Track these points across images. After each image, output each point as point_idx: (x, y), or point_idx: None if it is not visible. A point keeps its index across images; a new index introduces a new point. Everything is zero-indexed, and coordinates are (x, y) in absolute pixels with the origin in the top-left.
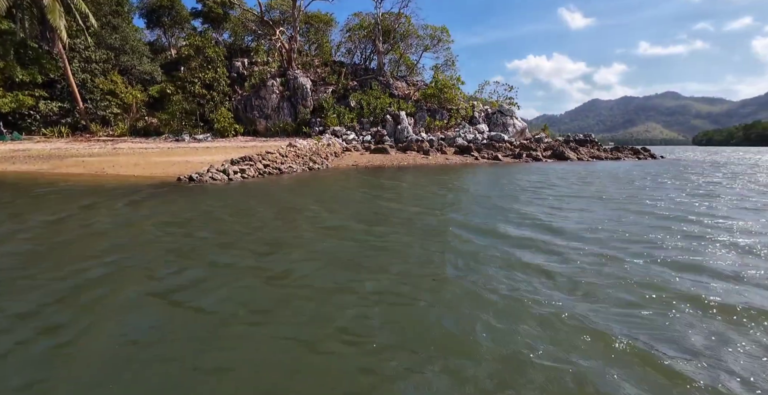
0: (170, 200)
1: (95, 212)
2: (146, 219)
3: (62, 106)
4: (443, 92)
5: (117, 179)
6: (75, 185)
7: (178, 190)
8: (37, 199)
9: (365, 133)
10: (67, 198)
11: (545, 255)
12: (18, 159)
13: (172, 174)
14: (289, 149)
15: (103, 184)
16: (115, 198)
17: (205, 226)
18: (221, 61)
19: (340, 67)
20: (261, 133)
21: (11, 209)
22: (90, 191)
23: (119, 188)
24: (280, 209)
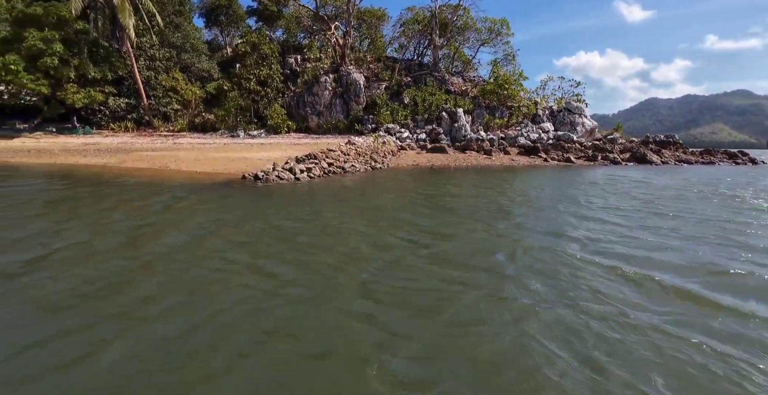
0: (244, 204)
1: (179, 219)
2: (227, 228)
3: (128, 102)
4: (503, 88)
5: (181, 175)
6: (142, 183)
7: (246, 190)
8: (115, 199)
9: (419, 131)
10: (141, 200)
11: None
12: (89, 152)
13: (234, 171)
14: (349, 147)
15: (168, 180)
16: (186, 199)
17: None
18: (275, 57)
19: (393, 62)
20: (313, 129)
21: (86, 219)
22: (160, 190)
23: (186, 186)
24: (369, 220)
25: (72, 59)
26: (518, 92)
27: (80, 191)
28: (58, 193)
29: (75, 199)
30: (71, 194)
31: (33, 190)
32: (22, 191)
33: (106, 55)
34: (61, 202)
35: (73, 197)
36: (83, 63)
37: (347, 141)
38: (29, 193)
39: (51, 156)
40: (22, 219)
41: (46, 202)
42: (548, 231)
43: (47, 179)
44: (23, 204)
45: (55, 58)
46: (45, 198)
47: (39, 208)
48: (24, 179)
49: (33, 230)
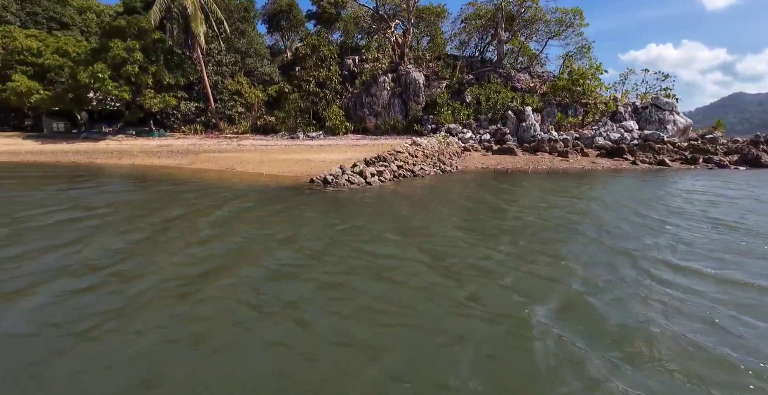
0: (319, 215)
1: (252, 237)
2: (309, 252)
3: (198, 106)
4: (577, 84)
5: (248, 178)
6: (211, 186)
7: (317, 197)
8: (188, 206)
9: (483, 131)
10: (211, 207)
11: None
12: (162, 153)
13: (299, 173)
14: (416, 148)
15: (236, 183)
16: (256, 209)
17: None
18: (334, 59)
19: (454, 60)
20: (370, 130)
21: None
22: (230, 197)
23: (255, 190)
24: (469, 244)
25: (150, 66)
26: (595, 88)
27: (156, 195)
28: (139, 195)
29: (152, 203)
30: (149, 197)
31: (117, 190)
32: (108, 191)
33: (179, 61)
34: (141, 208)
35: (151, 201)
36: (160, 70)
37: (412, 142)
38: (116, 192)
39: (130, 157)
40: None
41: (126, 206)
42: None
43: (126, 180)
44: (105, 209)
45: (136, 65)
46: (126, 200)
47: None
48: (108, 179)
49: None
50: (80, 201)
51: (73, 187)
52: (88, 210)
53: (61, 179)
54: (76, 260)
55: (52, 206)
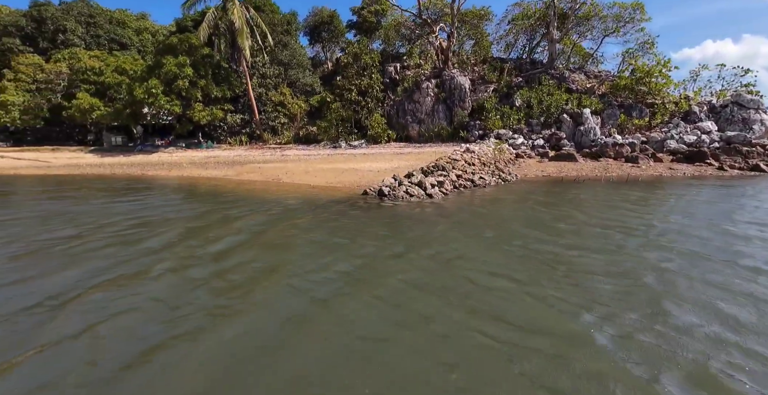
0: (382, 236)
1: (312, 267)
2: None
3: (243, 118)
4: (642, 82)
5: (296, 190)
6: (260, 199)
7: (375, 212)
8: (240, 223)
9: (535, 136)
10: (265, 224)
11: None
12: (210, 165)
13: (349, 184)
14: (471, 156)
15: (284, 195)
16: (315, 229)
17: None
18: (375, 67)
19: (501, 62)
20: (413, 138)
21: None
22: (281, 213)
23: (306, 203)
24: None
25: (199, 81)
26: (663, 86)
27: (206, 209)
28: (192, 211)
29: (201, 219)
30: (200, 213)
31: (167, 206)
32: (160, 205)
33: (226, 75)
34: (194, 233)
35: (200, 216)
36: (208, 83)
37: (465, 148)
38: (168, 206)
39: (179, 169)
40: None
41: (184, 224)
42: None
43: (176, 193)
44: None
45: (186, 80)
46: (184, 216)
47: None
48: (158, 191)
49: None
50: (142, 214)
51: (128, 199)
52: (150, 226)
53: (116, 192)
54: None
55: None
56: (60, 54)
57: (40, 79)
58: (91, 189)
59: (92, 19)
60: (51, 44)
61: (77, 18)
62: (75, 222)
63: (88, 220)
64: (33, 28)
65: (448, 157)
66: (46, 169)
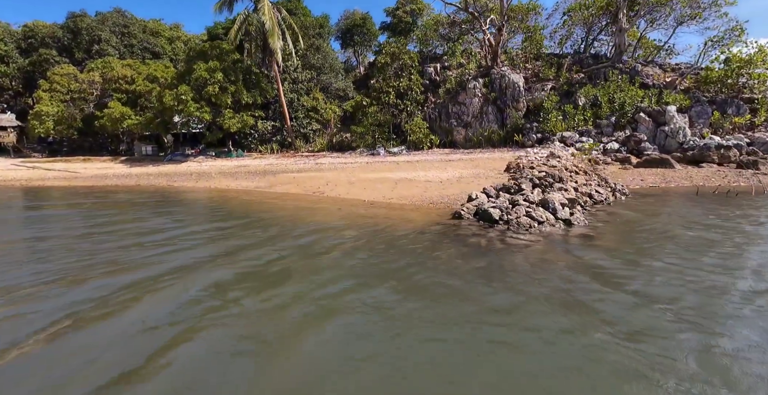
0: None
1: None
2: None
3: (274, 125)
4: (739, 74)
5: (348, 207)
6: (307, 222)
7: (512, 255)
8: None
9: (606, 139)
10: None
11: None
12: (240, 175)
13: (416, 200)
14: (566, 162)
15: (341, 220)
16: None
17: None
18: (415, 67)
19: (558, 58)
20: (459, 144)
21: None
22: (349, 246)
23: (378, 233)
24: None
25: (229, 86)
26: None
27: (229, 246)
28: (210, 249)
29: (220, 272)
30: (217, 250)
31: (177, 237)
32: (162, 239)
33: (256, 80)
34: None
35: (219, 263)
36: (239, 89)
37: (549, 153)
38: (180, 237)
39: (208, 179)
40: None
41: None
42: None
43: (198, 214)
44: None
45: (216, 86)
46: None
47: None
48: (178, 208)
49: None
50: (127, 259)
51: (134, 221)
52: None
53: (129, 207)
54: None
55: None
56: (94, 63)
57: (74, 88)
58: (103, 203)
59: (126, 29)
60: (86, 54)
61: (112, 28)
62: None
63: (54, 267)
64: (69, 39)
65: (522, 163)
66: (73, 179)
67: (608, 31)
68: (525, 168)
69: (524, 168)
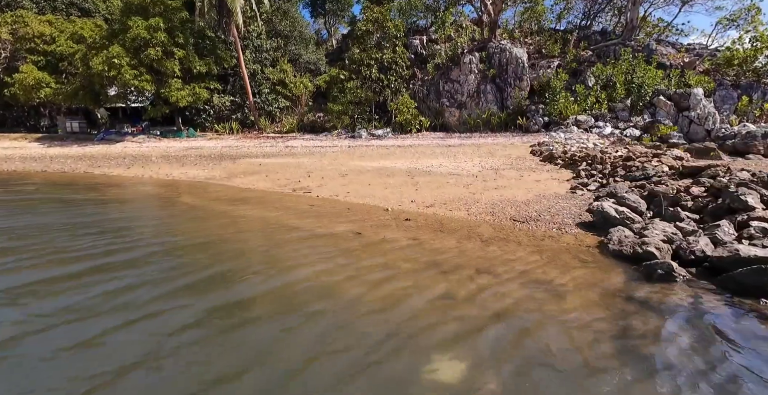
0: None
1: None
2: None
3: (234, 100)
4: (765, 55)
5: (369, 228)
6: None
7: None
8: None
9: (623, 124)
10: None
11: None
12: (188, 159)
13: (476, 209)
14: (618, 153)
15: (371, 265)
16: None
17: None
18: (400, 38)
19: (563, 33)
20: (453, 127)
21: None
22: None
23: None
24: None
25: (177, 51)
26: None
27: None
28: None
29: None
30: None
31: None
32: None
33: (212, 46)
34: None
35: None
36: (188, 55)
37: (614, 140)
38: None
39: (145, 165)
40: None
41: None
42: None
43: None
44: None
45: (159, 49)
46: None
47: None
48: (69, 226)
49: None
50: None
51: None
52: None
53: None
54: None
55: None
56: (2, 17)
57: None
58: None
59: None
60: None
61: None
62: None
63: None
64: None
65: (554, 151)
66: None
67: (612, 5)
68: (568, 157)
69: (564, 156)
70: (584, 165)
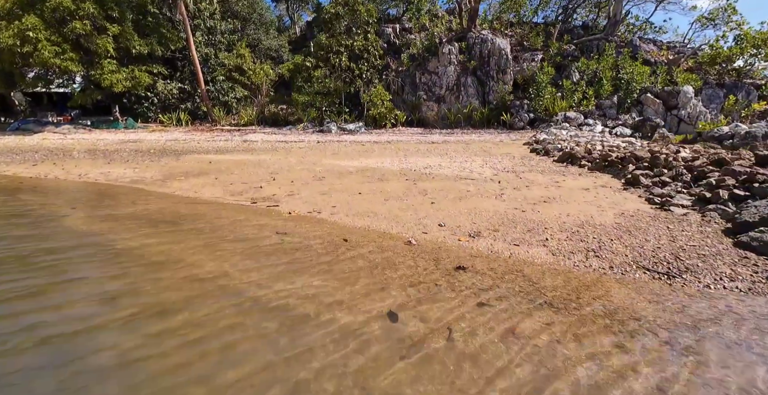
0: None
1: None
2: None
3: (183, 88)
4: (750, 54)
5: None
6: None
7: None
8: None
9: (612, 122)
10: None
11: None
12: (120, 155)
13: (557, 246)
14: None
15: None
16: None
17: None
18: (373, 24)
19: (545, 26)
20: (431, 122)
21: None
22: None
23: None
24: None
25: (111, 26)
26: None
27: None
28: None
29: None
30: None
31: None
32: None
33: (155, 24)
34: None
35: None
36: (126, 32)
37: (658, 146)
38: None
39: (60, 161)
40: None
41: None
42: None
43: None
44: None
45: (88, 22)
46: None
47: None
48: None
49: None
50: None
51: None
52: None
53: None
54: None
55: None
56: None
57: None
58: None
59: None
60: None
61: None
62: None
63: None
64: None
65: (562, 148)
66: None
67: (590, 1)
68: (597, 157)
69: (589, 157)
70: (633, 168)
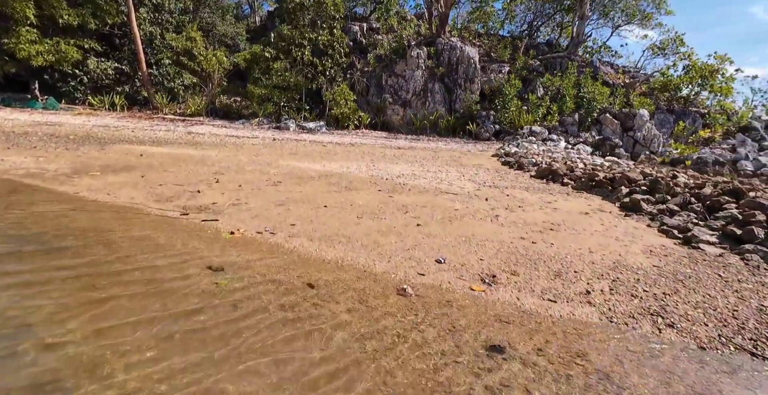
0: None
1: None
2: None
3: (120, 68)
4: (704, 84)
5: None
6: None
7: None
8: None
9: (573, 139)
10: None
11: None
12: (28, 139)
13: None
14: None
15: None
16: None
17: None
18: (339, 20)
19: (513, 39)
20: (396, 126)
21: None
22: None
23: None
24: None
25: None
26: (729, 90)
27: None
28: None
29: None
30: None
31: None
32: None
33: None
34: None
35: None
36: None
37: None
38: None
39: None
40: None
41: None
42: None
43: None
44: None
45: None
46: None
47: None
48: None
49: None
50: None
51: None
52: None
53: None
54: None
55: None
56: None
57: None
58: None
59: None
60: None
61: None
62: None
63: None
64: None
65: (541, 163)
66: None
67: (553, 19)
68: (580, 176)
69: (571, 175)
70: (627, 191)
